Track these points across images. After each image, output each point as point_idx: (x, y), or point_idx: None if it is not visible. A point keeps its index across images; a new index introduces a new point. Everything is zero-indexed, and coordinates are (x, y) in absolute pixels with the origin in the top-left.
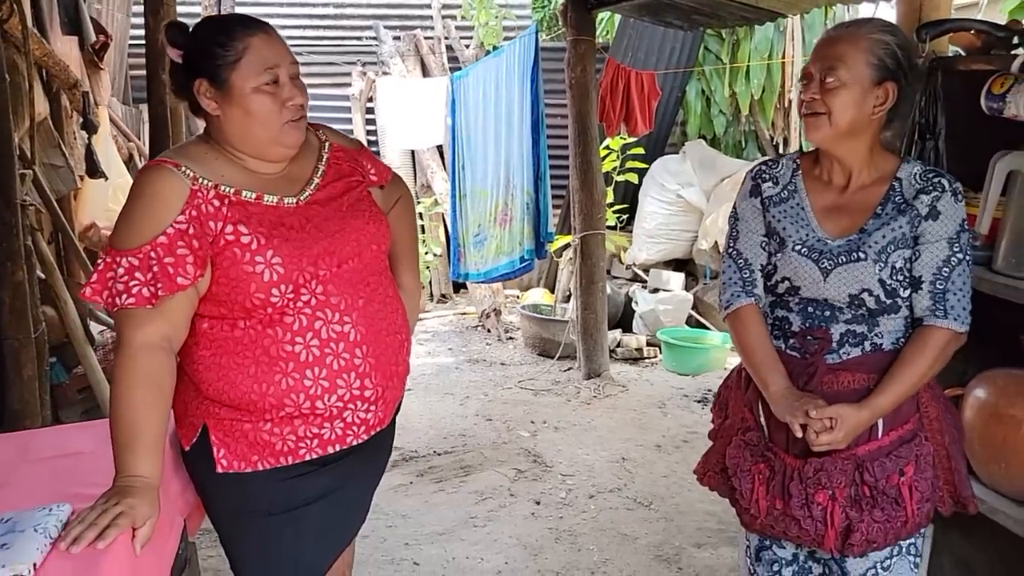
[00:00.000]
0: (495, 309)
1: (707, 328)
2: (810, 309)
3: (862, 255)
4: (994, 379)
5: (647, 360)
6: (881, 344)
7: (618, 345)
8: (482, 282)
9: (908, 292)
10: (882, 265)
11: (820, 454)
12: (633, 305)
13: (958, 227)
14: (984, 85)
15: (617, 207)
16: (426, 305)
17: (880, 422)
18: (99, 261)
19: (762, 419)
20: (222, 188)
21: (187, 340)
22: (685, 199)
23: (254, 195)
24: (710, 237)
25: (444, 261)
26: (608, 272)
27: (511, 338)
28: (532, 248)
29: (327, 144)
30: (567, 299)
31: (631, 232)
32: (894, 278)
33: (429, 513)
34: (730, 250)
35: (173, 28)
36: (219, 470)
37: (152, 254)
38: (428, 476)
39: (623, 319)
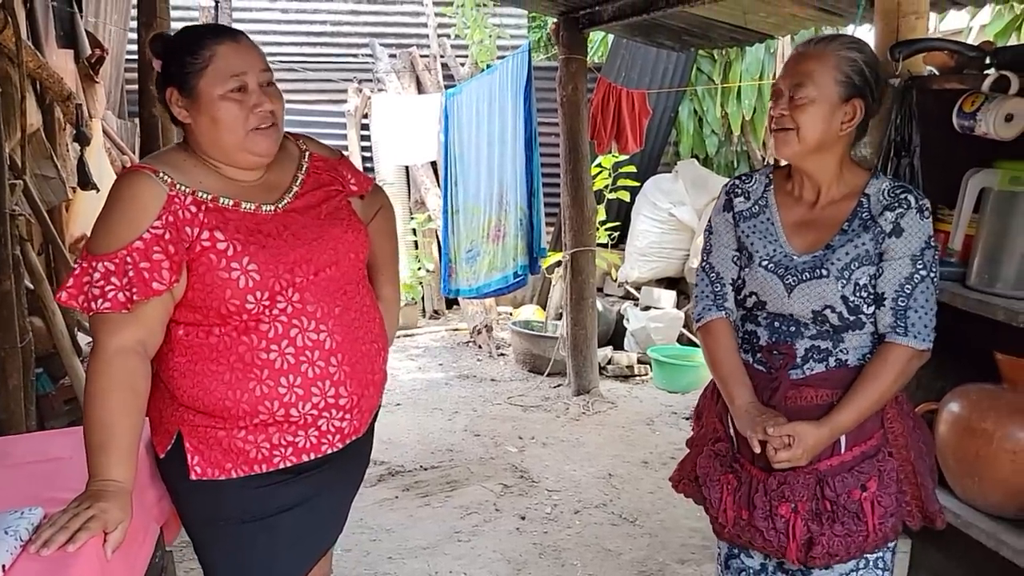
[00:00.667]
0: (487, 325)
1: (698, 346)
2: (776, 324)
3: (824, 272)
4: (967, 394)
5: (638, 377)
6: (846, 360)
7: (609, 362)
8: (474, 298)
9: (872, 309)
10: (844, 282)
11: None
12: (624, 323)
13: (922, 244)
14: (956, 103)
15: (609, 225)
16: (418, 321)
17: (843, 437)
18: (75, 265)
19: (731, 430)
20: (199, 194)
21: (162, 347)
22: (677, 218)
23: (231, 202)
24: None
25: (437, 277)
26: (600, 290)
27: (502, 354)
28: (526, 264)
29: (307, 153)
30: (559, 316)
31: (623, 250)
32: (857, 295)
33: (414, 527)
34: (703, 264)
35: (157, 39)
36: (193, 477)
37: (128, 259)
38: (414, 491)
39: (614, 336)
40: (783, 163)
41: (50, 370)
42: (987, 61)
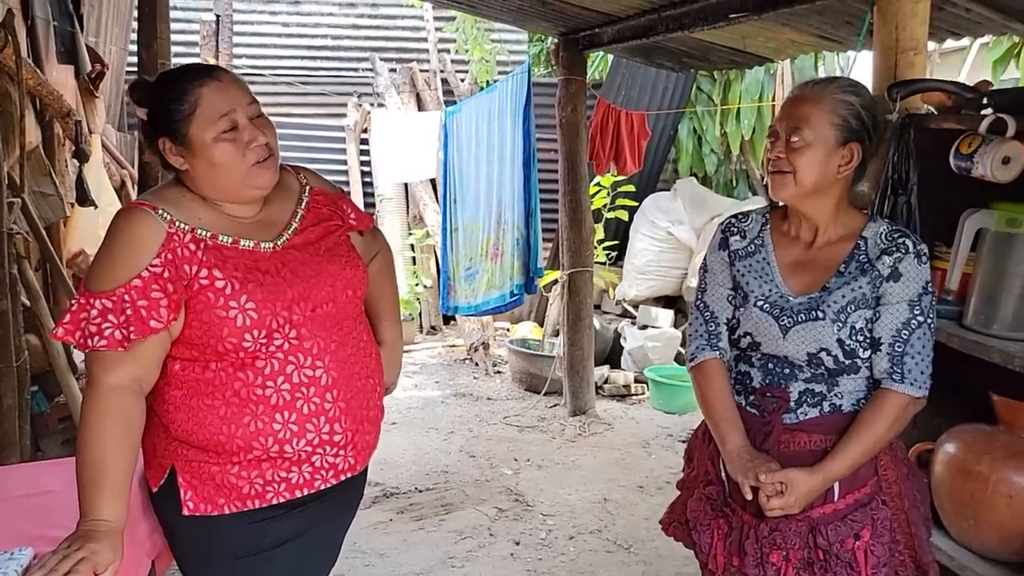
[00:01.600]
0: (483, 342)
1: None
2: (770, 365)
3: (820, 314)
4: (963, 435)
5: (634, 397)
6: (840, 405)
7: (606, 381)
8: (471, 315)
9: (868, 353)
10: (840, 325)
11: None
12: (622, 341)
13: (920, 289)
14: (954, 143)
15: (608, 243)
16: (415, 337)
17: (836, 485)
18: (72, 301)
19: (723, 474)
20: (199, 231)
21: (158, 381)
22: (675, 236)
23: (230, 239)
24: (699, 275)
25: (434, 293)
26: (597, 307)
27: (499, 372)
28: (522, 283)
29: (307, 188)
30: (556, 333)
31: (621, 268)
32: (853, 338)
33: (408, 552)
34: (698, 302)
35: (138, 87)
36: (185, 512)
37: (126, 297)
38: (408, 513)
39: (611, 355)
40: (780, 203)
41: (45, 388)
42: (984, 102)
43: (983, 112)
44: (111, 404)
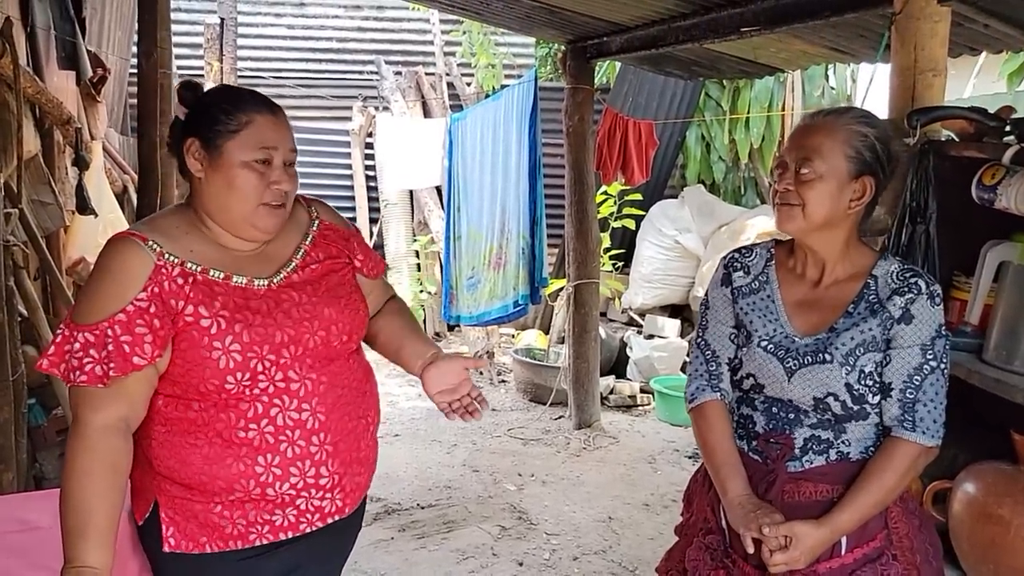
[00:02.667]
0: (488, 351)
1: None
2: (774, 410)
3: (828, 357)
4: (983, 475)
5: (640, 408)
6: (848, 453)
7: (611, 392)
8: (474, 325)
9: (878, 399)
10: (849, 368)
11: None
12: (628, 351)
13: (933, 333)
14: (976, 172)
15: (614, 252)
16: None
17: (844, 539)
18: (58, 332)
19: (723, 522)
20: (188, 265)
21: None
22: (683, 245)
23: (222, 275)
24: (707, 284)
25: (439, 300)
26: (603, 315)
27: (503, 381)
28: (527, 293)
29: (316, 221)
30: (561, 341)
31: (627, 276)
32: (862, 383)
33: (409, 572)
34: (699, 340)
35: (188, 87)
36: (166, 549)
37: (109, 332)
38: (410, 531)
39: (617, 364)
40: (784, 237)
41: (43, 400)
42: (1007, 129)
43: (1006, 140)
44: (98, 447)
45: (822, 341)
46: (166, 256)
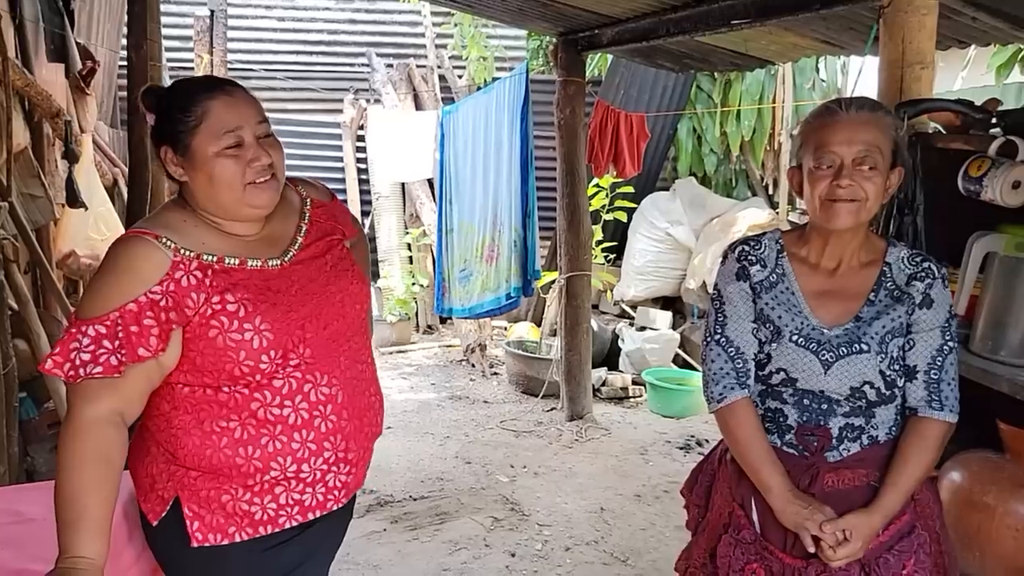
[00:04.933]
0: (480, 344)
1: (694, 368)
2: (806, 401)
3: (864, 346)
4: (969, 463)
5: (632, 400)
6: (877, 436)
7: (603, 384)
8: (466, 318)
9: (903, 381)
10: (883, 356)
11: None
12: (620, 343)
13: (947, 314)
14: (962, 164)
15: (606, 244)
16: (411, 336)
17: None
18: (63, 334)
19: (755, 515)
20: (204, 257)
21: (162, 407)
22: (674, 237)
23: (237, 261)
24: (698, 276)
25: (431, 293)
26: (595, 307)
27: (496, 373)
28: (519, 286)
29: (308, 200)
30: (553, 333)
31: (619, 268)
32: (892, 368)
33: (401, 564)
34: (718, 337)
35: (149, 93)
36: (194, 544)
37: (119, 321)
38: (403, 523)
39: (609, 356)
40: (786, 227)
41: (34, 394)
42: (993, 122)
43: (992, 132)
44: (91, 439)
45: (852, 331)
46: (182, 252)
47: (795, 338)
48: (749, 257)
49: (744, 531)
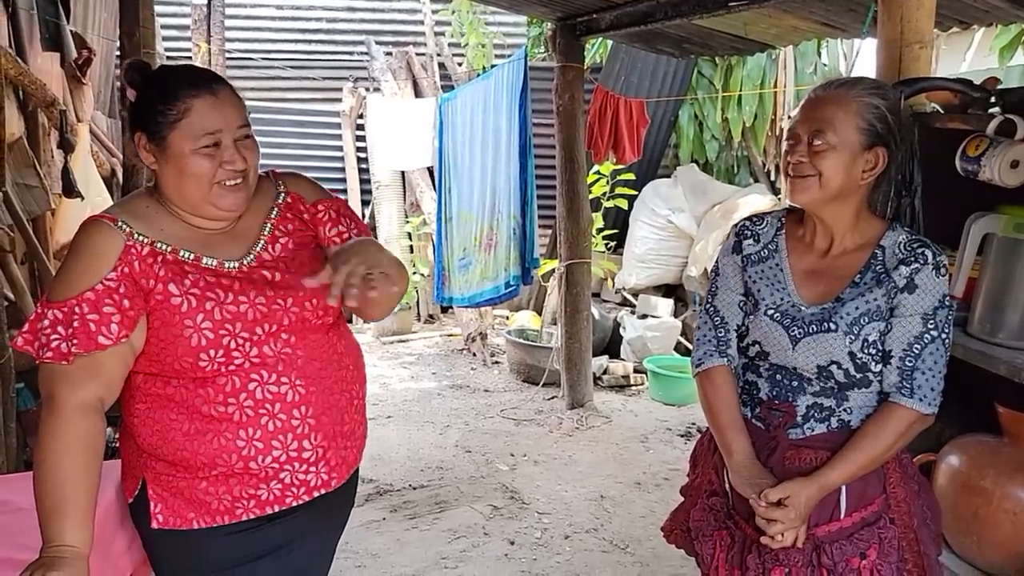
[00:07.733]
0: (481, 333)
1: None
2: (778, 377)
3: (832, 326)
4: (966, 447)
5: (633, 388)
6: (849, 421)
7: (604, 372)
8: (466, 307)
9: (880, 367)
10: (852, 337)
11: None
12: (621, 331)
13: (936, 303)
14: (960, 144)
15: (607, 232)
16: (412, 326)
17: (844, 503)
18: (32, 313)
19: (727, 485)
20: (159, 245)
21: (125, 392)
22: (676, 224)
23: (192, 255)
24: (700, 264)
25: (432, 282)
26: (597, 295)
27: (496, 362)
28: (518, 274)
29: (282, 194)
30: (554, 322)
31: (621, 256)
32: (865, 351)
33: (400, 552)
34: (707, 306)
35: (133, 68)
36: (154, 526)
37: (76, 309)
38: (402, 512)
39: (611, 345)
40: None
41: (31, 384)
42: (992, 100)
43: (991, 111)
44: (72, 426)
45: (827, 310)
46: (135, 236)
47: (770, 312)
48: (745, 231)
49: (716, 498)
